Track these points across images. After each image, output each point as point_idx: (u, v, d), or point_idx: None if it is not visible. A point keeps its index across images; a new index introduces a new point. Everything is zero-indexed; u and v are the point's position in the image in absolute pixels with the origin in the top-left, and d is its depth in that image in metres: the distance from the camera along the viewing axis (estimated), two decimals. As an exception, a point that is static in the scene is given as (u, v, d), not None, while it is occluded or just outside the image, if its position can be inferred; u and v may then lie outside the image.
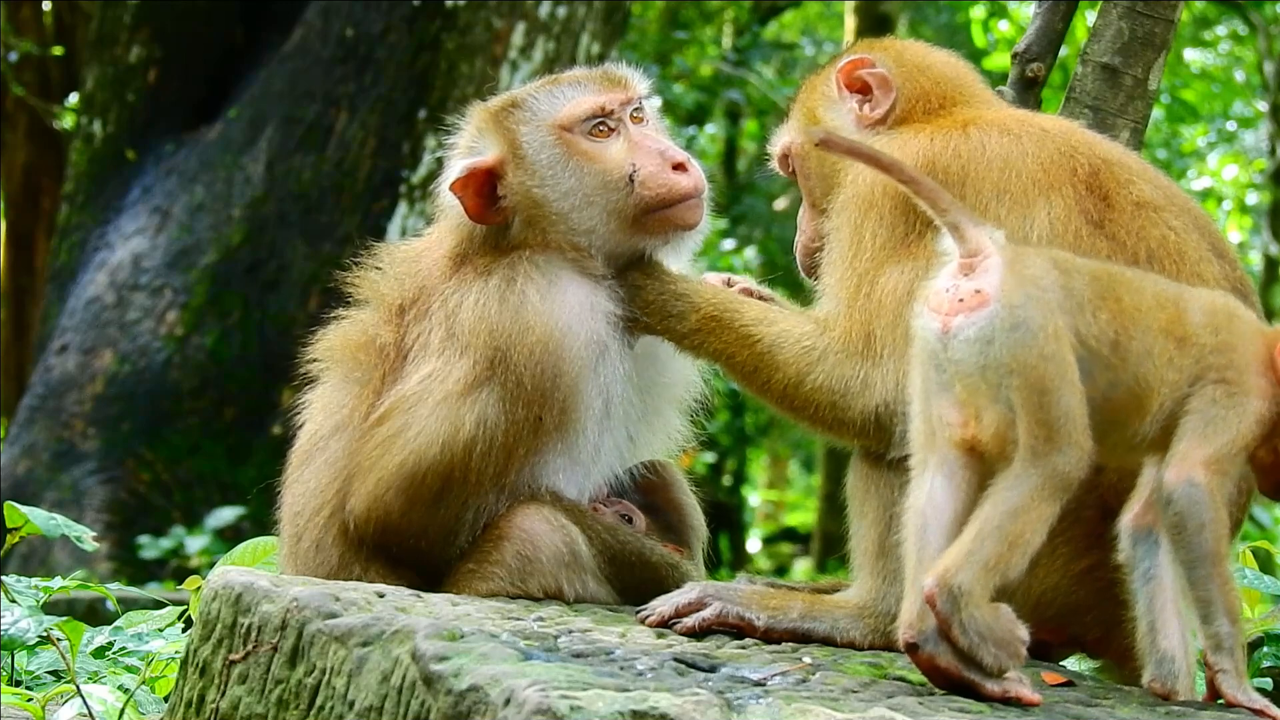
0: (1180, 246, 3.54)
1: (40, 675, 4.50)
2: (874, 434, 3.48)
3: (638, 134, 3.88)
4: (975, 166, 3.56)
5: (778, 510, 29.76)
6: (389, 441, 3.71)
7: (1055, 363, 3.09)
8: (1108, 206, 3.55)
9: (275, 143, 12.24)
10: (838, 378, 3.52)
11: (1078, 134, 3.71)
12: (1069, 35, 5.15)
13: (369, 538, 3.73)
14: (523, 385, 3.69)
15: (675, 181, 3.82)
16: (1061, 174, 3.56)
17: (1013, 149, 3.58)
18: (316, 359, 3.97)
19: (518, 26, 12.10)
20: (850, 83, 3.85)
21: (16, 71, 17.08)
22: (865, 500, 3.50)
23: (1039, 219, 3.51)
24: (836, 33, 23.11)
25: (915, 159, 3.58)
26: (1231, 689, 3.12)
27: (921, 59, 3.90)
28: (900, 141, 3.66)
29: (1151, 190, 3.60)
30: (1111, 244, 3.51)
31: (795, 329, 3.60)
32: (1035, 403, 3.07)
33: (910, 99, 3.81)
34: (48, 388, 12.09)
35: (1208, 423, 3.16)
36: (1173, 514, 3.12)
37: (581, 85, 3.90)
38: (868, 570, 3.49)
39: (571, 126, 3.86)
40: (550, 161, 3.85)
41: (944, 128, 3.66)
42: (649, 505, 4.06)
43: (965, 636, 2.99)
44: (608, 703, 2.69)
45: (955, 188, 3.51)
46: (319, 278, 11.85)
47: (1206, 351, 3.21)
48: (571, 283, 3.80)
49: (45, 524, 4.45)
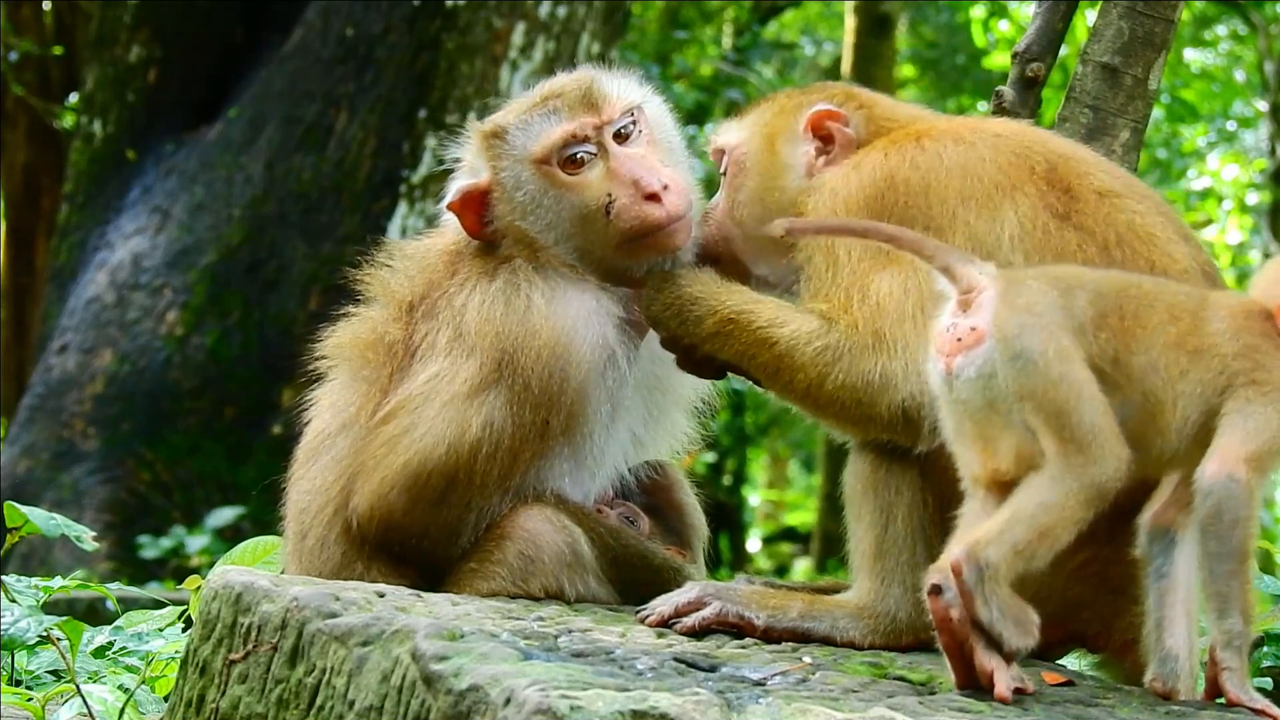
0: (1149, 229, 3.55)
1: (40, 675, 4.50)
2: (903, 429, 3.45)
3: (619, 157, 3.83)
4: (935, 176, 3.57)
5: (778, 510, 29.76)
6: (394, 441, 3.71)
7: (1067, 382, 3.09)
8: (1071, 198, 3.56)
9: (275, 143, 12.24)
10: (857, 374, 3.47)
11: (1029, 133, 3.73)
12: (1069, 35, 5.15)
13: (372, 536, 3.74)
14: (530, 389, 3.70)
15: (648, 214, 3.78)
16: (1021, 173, 3.57)
17: (969, 155, 3.59)
18: (325, 356, 3.98)
19: (518, 26, 12.10)
20: (816, 128, 3.84)
21: (16, 71, 17.09)
22: (863, 501, 3.50)
23: (1008, 220, 3.51)
24: (836, 33, 23.11)
25: (873, 175, 3.60)
26: (1234, 687, 3.12)
27: (889, 111, 3.90)
28: (854, 163, 3.68)
29: (1110, 179, 3.63)
30: (1080, 234, 3.51)
31: (805, 327, 3.56)
32: (1057, 424, 3.08)
33: (866, 132, 3.83)
34: (48, 387, 12.09)
35: (1248, 420, 3.14)
36: (1210, 507, 3.10)
37: (555, 113, 3.85)
38: (866, 571, 3.49)
39: (547, 159, 3.84)
40: (529, 196, 3.85)
41: (897, 142, 3.68)
42: (650, 506, 4.07)
43: (987, 610, 3.01)
44: (608, 702, 2.69)
45: (918, 198, 3.54)
46: (319, 277, 11.85)
47: (1229, 359, 3.19)
48: (574, 287, 3.80)
49: (45, 524, 4.45)
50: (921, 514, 3.44)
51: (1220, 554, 3.10)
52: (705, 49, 21.88)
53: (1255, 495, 3.12)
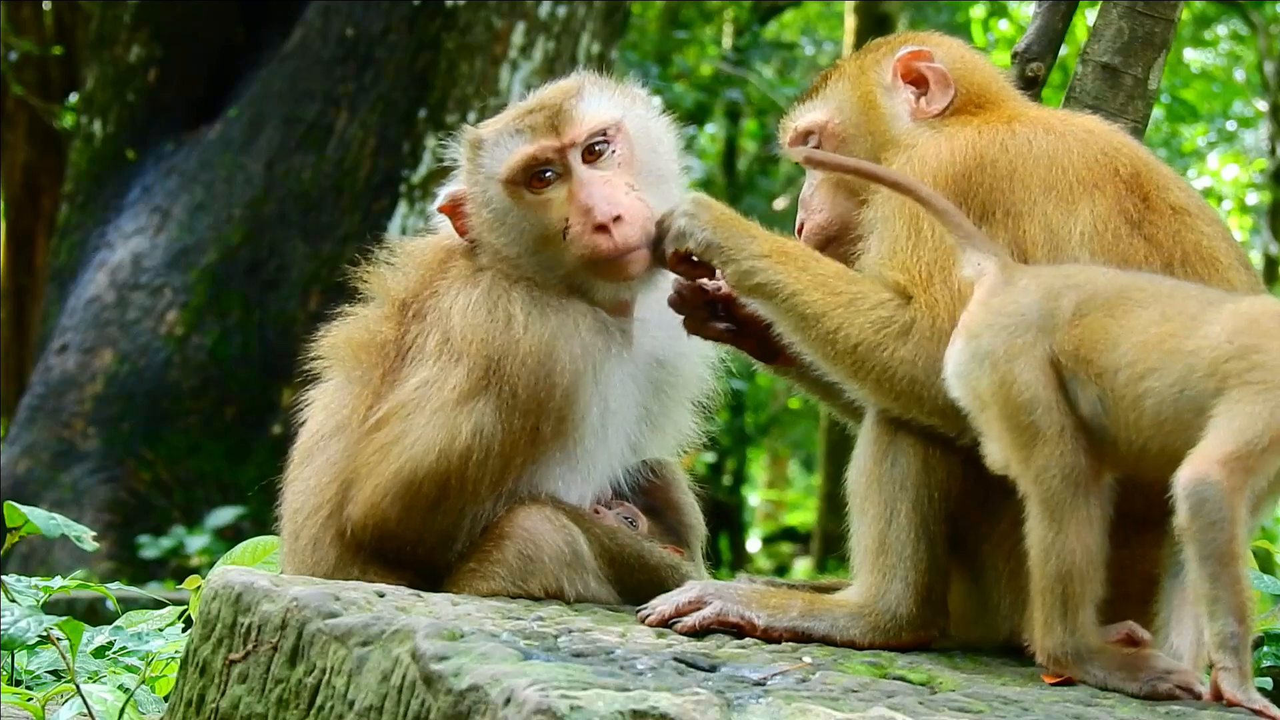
0: (1213, 252, 3.55)
1: (40, 675, 4.50)
2: (950, 418, 3.40)
3: (582, 180, 3.82)
4: (1023, 162, 3.56)
5: (778, 510, 29.76)
6: (386, 448, 3.73)
7: (1017, 385, 3.17)
8: (1147, 208, 3.56)
9: (275, 142, 12.24)
10: (925, 356, 3.41)
11: (1118, 135, 3.73)
12: (1069, 35, 5.15)
13: (367, 544, 3.75)
14: (517, 396, 3.71)
15: (597, 244, 3.78)
16: (1105, 173, 3.57)
17: (1058, 146, 3.58)
18: (320, 356, 3.99)
19: (518, 26, 12.09)
20: (907, 73, 3.83)
21: (16, 71, 17.08)
22: (866, 498, 3.50)
23: (1083, 216, 3.51)
24: (836, 32, 23.09)
25: (964, 151, 3.58)
26: (1232, 687, 3.11)
27: (967, 57, 3.90)
28: (948, 134, 3.66)
29: (1185, 197, 3.63)
30: (1149, 245, 3.52)
31: (875, 291, 3.49)
32: (1005, 425, 3.17)
33: (960, 95, 3.81)
34: (48, 387, 12.09)
35: (1232, 420, 3.13)
36: (1185, 510, 3.11)
37: (520, 134, 3.86)
38: (868, 568, 3.49)
39: (513, 179, 3.86)
40: (495, 214, 3.88)
41: (990, 122, 3.67)
42: (648, 505, 4.07)
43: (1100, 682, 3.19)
44: (608, 702, 2.69)
45: (1004, 181, 3.53)
46: (319, 277, 11.85)
47: (1221, 361, 3.16)
48: (550, 297, 3.82)
49: (45, 524, 4.45)
50: (926, 510, 3.44)
51: (1201, 556, 3.09)
52: (705, 49, 21.87)
53: (1234, 496, 3.07)
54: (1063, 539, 3.17)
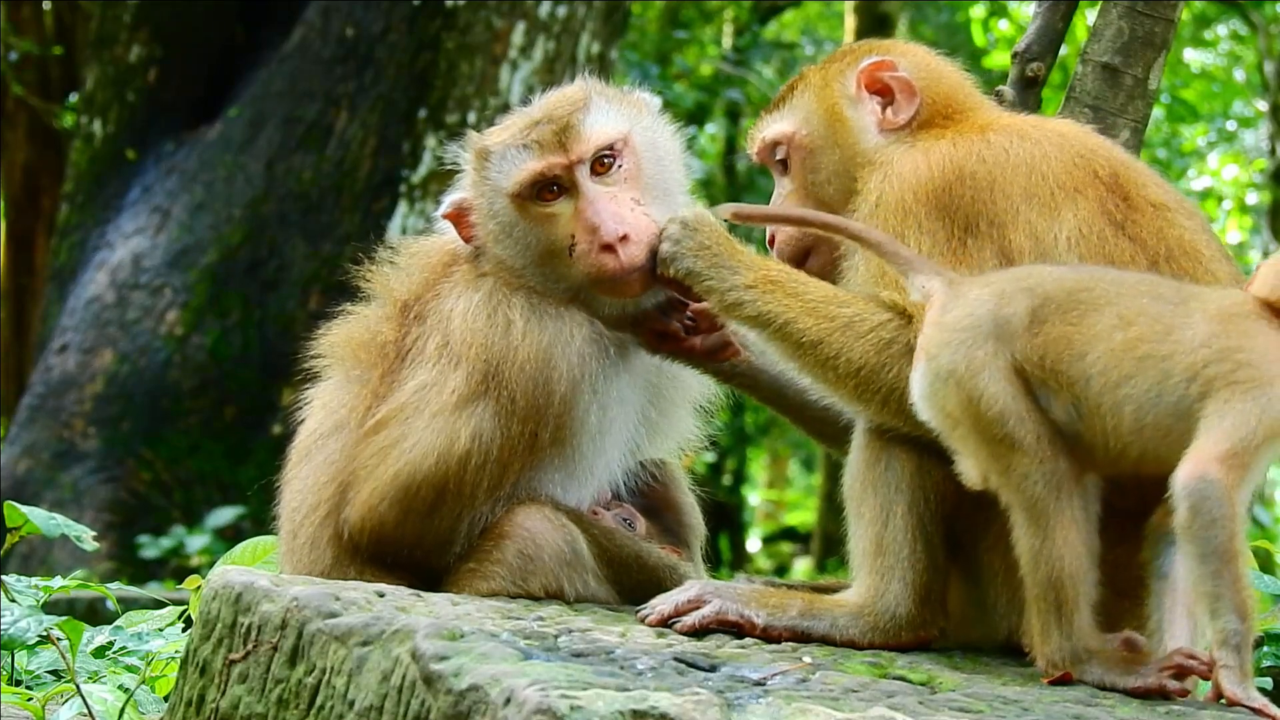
0: (1196, 246, 3.57)
1: (40, 675, 4.50)
2: None
3: (589, 196, 3.80)
4: (1002, 171, 3.55)
5: (778, 510, 29.76)
6: (384, 452, 3.73)
7: (985, 399, 3.18)
8: (1129, 208, 3.56)
9: (275, 142, 12.24)
10: None
11: (1093, 137, 3.73)
12: (1069, 35, 5.15)
13: (364, 546, 3.75)
14: (516, 402, 3.71)
15: (602, 264, 3.76)
16: (1085, 176, 3.57)
17: (1035, 153, 3.58)
18: (320, 355, 3.99)
19: (518, 26, 12.09)
20: (871, 84, 3.82)
21: (16, 71, 17.08)
22: (862, 501, 3.50)
23: (1067, 220, 3.51)
24: (836, 33, 23.10)
25: (941, 165, 3.57)
26: (1232, 686, 3.11)
27: (934, 65, 3.89)
28: (923, 148, 3.65)
29: (1163, 193, 3.64)
30: (1134, 245, 3.52)
31: (872, 313, 3.48)
32: (979, 440, 3.19)
33: (928, 104, 3.80)
34: (48, 387, 12.09)
35: (1225, 419, 3.14)
36: (1185, 509, 3.11)
37: (528, 149, 3.83)
38: (866, 569, 3.49)
39: (520, 193, 3.84)
40: (501, 225, 3.87)
41: (964, 133, 3.66)
42: (648, 505, 4.07)
43: (1098, 681, 3.19)
44: (608, 702, 2.69)
45: (984, 193, 3.52)
46: (319, 277, 11.85)
47: (1201, 366, 3.17)
48: (550, 305, 3.81)
49: (45, 524, 4.46)
50: (921, 511, 3.44)
51: (1202, 555, 3.10)
52: (705, 49, 21.87)
53: (1233, 494, 3.09)
54: (1050, 545, 3.17)
